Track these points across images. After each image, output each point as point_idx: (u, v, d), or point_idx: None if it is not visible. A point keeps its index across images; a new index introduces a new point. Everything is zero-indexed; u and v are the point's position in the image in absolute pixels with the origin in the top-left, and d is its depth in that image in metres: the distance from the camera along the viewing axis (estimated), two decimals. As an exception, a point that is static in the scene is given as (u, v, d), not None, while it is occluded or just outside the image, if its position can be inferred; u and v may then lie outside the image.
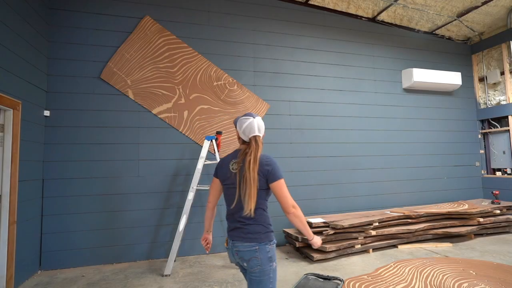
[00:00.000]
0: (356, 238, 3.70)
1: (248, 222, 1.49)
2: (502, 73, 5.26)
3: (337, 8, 4.77)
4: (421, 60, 5.30)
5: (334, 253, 3.53)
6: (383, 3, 4.60)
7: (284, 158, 4.28)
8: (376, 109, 4.87)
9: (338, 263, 3.42)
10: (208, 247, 1.74)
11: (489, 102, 5.47)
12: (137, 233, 3.63)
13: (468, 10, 4.76)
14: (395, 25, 5.18)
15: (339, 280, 2.80)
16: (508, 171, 5.19)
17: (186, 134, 3.91)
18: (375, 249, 3.86)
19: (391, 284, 2.77)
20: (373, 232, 3.73)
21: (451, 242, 4.12)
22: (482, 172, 5.50)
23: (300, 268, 3.24)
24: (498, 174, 5.36)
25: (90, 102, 3.62)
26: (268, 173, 1.47)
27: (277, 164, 1.52)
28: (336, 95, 4.67)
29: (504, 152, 5.26)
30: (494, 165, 5.45)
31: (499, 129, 5.31)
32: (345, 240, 3.67)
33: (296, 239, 3.62)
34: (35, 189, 3.23)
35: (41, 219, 3.35)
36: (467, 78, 5.63)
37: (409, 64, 5.19)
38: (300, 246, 3.66)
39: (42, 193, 3.38)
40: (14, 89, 2.85)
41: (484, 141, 5.60)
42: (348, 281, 2.84)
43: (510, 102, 5.11)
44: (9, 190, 2.73)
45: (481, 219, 4.24)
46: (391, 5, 4.61)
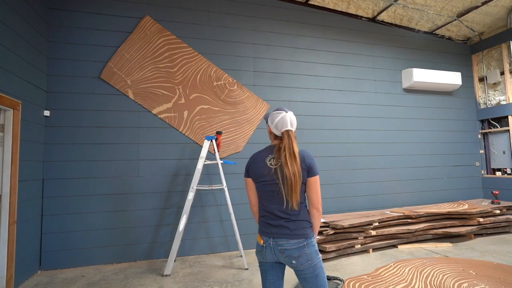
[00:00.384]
0: (356, 238, 3.71)
1: (292, 218, 1.47)
2: (502, 73, 5.26)
3: (337, 8, 4.77)
4: (421, 60, 5.30)
5: (334, 253, 3.53)
6: (383, 3, 4.60)
7: (284, 158, 4.27)
8: (376, 109, 4.87)
9: (338, 263, 3.42)
10: None
11: (489, 102, 5.47)
12: (137, 233, 3.63)
13: (468, 10, 4.76)
14: (395, 25, 5.18)
15: (339, 280, 2.80)
16: (508, 171, 5.20)
17: (186, 134, 3.91)
18: (375, 249, 3.87)
19: (391, 284, 2.77)
20: (373, 232, 3.73)
21: (451, 242, 4.12)
22: (482, 172, 5.50)
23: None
24: (498, 174, 5.36)
25: (90, 102, 3.62)
26: (309, 167, 1.48)
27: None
28: (336, 95, 4.67)
29: (504, 152, 5.27)
30: (494, 165, 5.45)
31: (499, 129, 5.31)
32: (345, 240, 3.67)
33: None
34: (35, 189, 3.23)
35: (41, 219, 3.35)
36: (467, 78, 5.63)
37: (409, 64, 5.19)
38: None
39: (42, 193, 3.38)
40: (14, 89, 2.85)
41: (484, 141, 5.60)
42: (348, 281, 2.84)
43: (510, 102, 5.11)
44: (9, 190, 2.73)
45: (481, 219, 4.25)
46: (391, 5, 4.61)
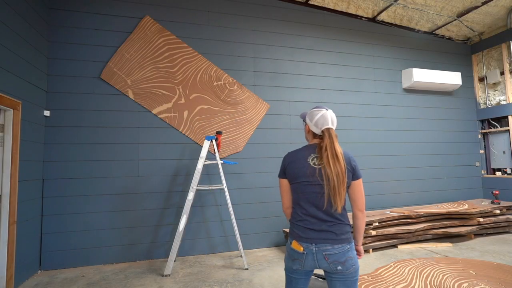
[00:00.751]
0: (356, 238, 3.70)
1: (336, 221, 1.39)
2: (502, 73, 5.26)
3: (337, 8, 4.77)
4: (421, 60, 5.30)
5: (334, 253, 3.53)
6: (383, 3, 4.60)
7: (284, 158, 4.28)
8: (376, 109, 4.87)
9: (338, 263, 3.41)
10: None
11: (489, 102, 5.47)
12: (137, 233, 3.63)
13: (468, 10, 4.76)
14: (395, 25, 5.18)
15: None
16: (508, 171, 5.20)
17: (186, 134, 3.91)
18: (375, 249, 3.87)
19: (391, 284, 2.77)
20: (373, 232, 3.73)
21: (451, 242, 4.12)
22: (482, 172, 5.50)
23: (300, 268, 3.24)
24: (498, 174, 5.36)
25: (90, 102, 3.62)
26: (354, 169, 1.42)
27: None
28: (336, 95, 4.67)
29: (504, 152, 5.27)
30: (494, 165, 5.45)
31: (499, 129, 5.31)
32: (345, 240, 3.67)
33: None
34: (35, 189, 3.23)
35: (41, 219, 3.35)
36: (467, 78, 5.63)
37: (409, 64, 5.19)
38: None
39: (42, 193, 3.38)
40: (14, 89, 2.85)
41: (484, 141, 5.60)
42: (348, 281, 2.84)
43: (510, 102, 5.11)
44: (9, 190, 2.73)
45: (481, 219, 4.24)
46: (391, 5, 4.61)
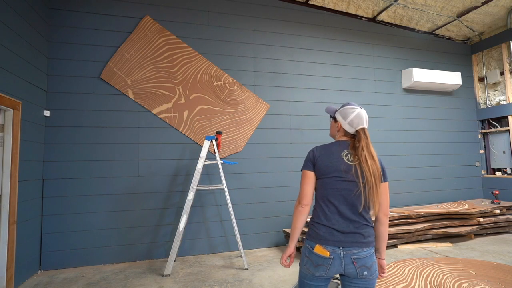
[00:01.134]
0: (356, 238, 3.70)
1: (364, 222, 1.33)
2: (502, 73, 5.26)
3: (337, 8, 4.77)
4: (421, 60, 5.30)
5: (334, 253, 3.52)
6: (383, 3, 4.60)
7: (284, 158, 4.28)
8: (376, 109, 4.87)
9: (338, 263, 3.41)
10: (291, 263, 1.54)
11: (489, 102, 5.47)
12: (137, 233, 3.63)
13: (468, 10, 4.76)
14: (395, 25, 5.18)
15: (339, 280, 2.80)
16: (508, 171, 5.19)
17: (186, 134, 3.91)
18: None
19: (391, 284, 2.77)
20: (373, 232, 3.73)
21: (451, 242, 4.12)
22: (482, 172, 5.50)
23: (300, 268, 3.24)
24: (498, 174, 5.36)
25: (90, 102, 3.62)
26: (383, 171, 1.39)
27: None
28: (336, 95, 4.67)
29: (504, 152, 5.26)
30: (494, 165, 5.45)
31: (499, 129, 5.31)
32: (345, 240, 3.66)
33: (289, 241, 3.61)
34: (35, 189, 3.23)
35: (41, 219, 3.35)
36: (467, 78, 5.62)
37: (409, 64, 5.19)
38: (300, 246, 3.65)
39: (42, 193, 3.38)
40: (14, 89, 2.85)
41: (484, 141, 5.60)
42: (348, 281, 2.84)
43: (510, 102, 5.11)
44: (9, 190, 2.73)
45: (481, 219, 4.24)
46: (391, 5, 4.61)
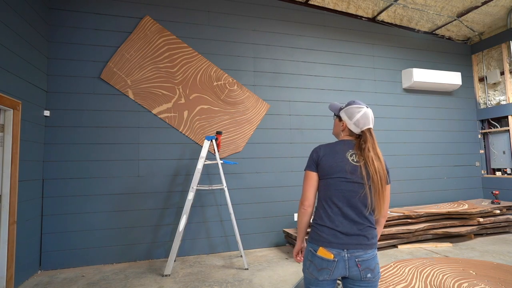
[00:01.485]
0: (356, 238, 3.70)
1: (367, 224, 1.31)
2: (502, 73, 5.26)
3: (337, 8, 4.76)
4: (421, 60, 5.30)
5: (334, 253, 3.52)
6: (383, 3, 4.60)
7: (284, 158, 4.28)
8: (376, 109, 4.87)
9: (338, 263, 3.41)
10: (301, 258, 1.52)
11: (489, 102, 5.47)
12: (137, 233, 3.63)
13: (468, 10, 4.76)
14: (395, 25, 5.18)
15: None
16: (508, 171, 5.19)
17: (186, 134, 3.91)
18: (375, 249, 3.86)
19: (391, 284, 2.77)
20: (373, 232, 3.73)
21: (451, 242, 4.12)
22: (482, 172, 5.50)
23: (300, 268, 3.24)
24: (498, 174, 5.36)
25: (90, 102, 3.62)
26: (388, 174, 1.38)
27: None
28: (336, 95, 4.66)
29: (504, 152, 5.26)
30: (494, 165, 5.45)
31: (499, 129, 5.31)
32: (345, 240, 3.66)
33: (296, 239, 3.61)
34: (35, 189, 3.23)
35: (41, 219, 3.35)
36: (467, 78, 5.62)
37: (409, 64, 5.18)
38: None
39: (42, 193, 3.38)
40: (14, 89, 2.85)
41: (484, 141, 5.60)
42: (348, 281, 2.84)
43: (510, 102, 5.11)
44: (9, 190, 2.73)
45: (481, 219, 4.24)
46: (391, 5, 4.61)
